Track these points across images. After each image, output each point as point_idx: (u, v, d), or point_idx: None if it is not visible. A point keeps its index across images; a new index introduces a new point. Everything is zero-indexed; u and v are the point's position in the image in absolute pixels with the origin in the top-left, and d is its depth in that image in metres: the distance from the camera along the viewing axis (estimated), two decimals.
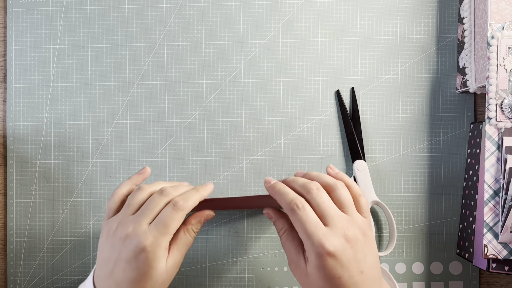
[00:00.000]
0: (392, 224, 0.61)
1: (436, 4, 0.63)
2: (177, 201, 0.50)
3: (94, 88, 0.65)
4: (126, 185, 0.54)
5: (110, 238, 0.50)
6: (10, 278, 0.64)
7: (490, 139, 0.56)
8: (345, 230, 0.47)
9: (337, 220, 0.48)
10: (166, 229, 0.49)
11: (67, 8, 0.65)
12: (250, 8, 0.64)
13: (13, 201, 0.64)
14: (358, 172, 0.62)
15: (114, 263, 0.49)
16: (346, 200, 0.50)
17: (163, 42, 0.64)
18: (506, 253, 0.55)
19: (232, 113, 0.64)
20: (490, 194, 0.56)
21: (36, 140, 0.64)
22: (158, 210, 0.50)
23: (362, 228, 0.49)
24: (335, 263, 0.46)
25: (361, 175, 0.62)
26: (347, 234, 0.47)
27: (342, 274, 0.46)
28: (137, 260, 0.48)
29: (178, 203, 0.50)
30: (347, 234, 0.47)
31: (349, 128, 0.63)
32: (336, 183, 0.50)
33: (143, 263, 0.48)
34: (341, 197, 0.50)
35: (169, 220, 0.49)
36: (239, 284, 0.64)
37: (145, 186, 0.53)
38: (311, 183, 0.50)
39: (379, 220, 0.63)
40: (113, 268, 0.49)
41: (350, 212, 0.49)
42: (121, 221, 0.50)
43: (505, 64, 0.55)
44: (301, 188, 0.50)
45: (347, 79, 0.64)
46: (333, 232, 0.47)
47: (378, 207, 0.63)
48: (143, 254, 0.48)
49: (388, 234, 0.63)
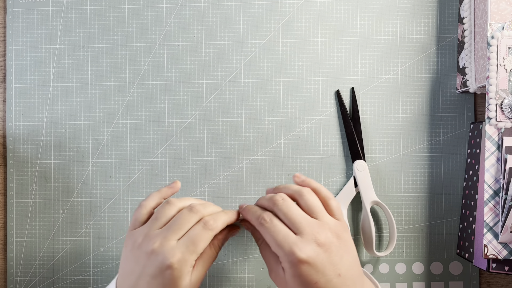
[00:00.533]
0: (392, 224, 0.61)
1: (436, 4, 0.63)
2: (207, 221, 0.49)
3: (94, 88, 0.65)
4: (155, 197, 0.53)
5: (135, 250, 0.49)
6: (10, 278, 0.64)
7: (490, 139, 0.56)
8: (316, 235, 0.47)
9: (306, 226, 0.48)
10: (195, 247, 0.48)
11: (67, 8, 0.65)
12: (250, 8, 0.64)
13: (13, 201, 0.64)
14: (358, 172, 0.62)
15: (138, 276, 0.48)
16: (314, 205, 0.50)
17: (163, 42, 0.64)
18: (506, 253, 0.55)
19: (232, 113, 0.64)
20: (490, 194, 0.56)
21: (36, 140, 0.64)
22: (187, 227, 0.49)
23: (335, 231, 0.48)
24: (310, 269, 0.46)
25: (361, 175, 0.62)
26: (319, 239, 0.47)
27: (319, 279, 0.46)
28: (162, 277, 0.47)
29: (209, 222, 0.49)
30: (318, 239, 0.47)
31: (349, 128, 0.63)
32: (300, 189, 0.51)
33: (169, 280, 0.47)
34: (308, 203, 0.50)
35: (198, 239, 0.48)
36: (239, 284, 0.64)
37: (174, 200, 0.52)
38: (276, 195, 0.50)
39: (379, 220, 0.63)
40: (136, 281, 0.48)
41: (320, 216, 0.49)
42: (148, 234, 0.49)
43: (505, 64, 0.55)
44: (268, 203, 0.51)
45: (347, 79, 0.64)
46: (303, 239, 0.47)
47: (378, 207, 0.63)
48: (169, 271, 0.47)
49: (388, 234, 0.63)
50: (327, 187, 0.63)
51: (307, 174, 0.63)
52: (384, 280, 0.63)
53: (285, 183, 0.63)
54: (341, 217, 0.51)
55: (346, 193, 0.62)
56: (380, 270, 0.63)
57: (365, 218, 0.61)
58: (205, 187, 0.64)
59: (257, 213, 0.50)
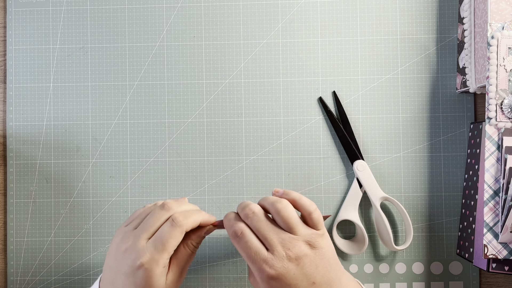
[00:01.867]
0: (405, 216, 0.61)
1: (436, 4, 0.63)
2: (176, 217, 0.48)
3: (94, 88, 0.65)
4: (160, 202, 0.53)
5: (113, 247, 0.50)
6: (10, 278, 0.64)
7: (490, 139, 0.56)
8: (287, 252, 0.47)
9: (278, 242, 0.47)
10: (164, 246, 0.47)
11: (67, 8, 0.65)
12: (250, 8, 0.64)
13: (13, 201, 0.64)
14: (359, 172, 0.62)
15: (115, 273, 0.48)
16: (288, 218, 0.49)
17: (163, 42, 0.64)
18: (506, 253, 0.55)
19: (232, 113, 0.64)
20: (490, 194, 0.56)
21: (36, 140, 0.64)
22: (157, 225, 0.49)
23: (309, 241, 0.48)
24: (280, 284, 0.47)
25: (363, 175, 0.62)
26: (289, 255, 0.47)
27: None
28: (135, 276, 0.47)
29: (177, 219, 0.48)
30: (289, 255, 0.47)
31: (340, 132, 0.63)
32: (275, 203, 0.50)
33: (141, 280, 0.47)
34: (283, 218, 0.49)
35: (167, 237, 0.48)
36: (239, 284, 0.64)
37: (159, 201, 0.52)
38: (247, 208, 0.50)
39: (391, 215, 0.63)
40: (114, 278, 0.49)
41: (296, 229, 0.49)
42: (125, 233, 0.50)
43: (505, 64, 0.55)
44: (241, 214, 0.50)
45: (347, 79, 0.64)
46: (274, 256, 0.47)
47: (388, 202, 0.63)
48: (140, 270, 0.47)
49: (401, 228, 0.63)
50: (327, 187, 0.63)
51: (307, 174, 0.63)
52: (384, 280, 0.63)
53: (285, 183, 0.64)
54: (322, 226, 0.50)
55: (353, 196, 0.62)
56: (380, 270, 0.63)
57: (377, 216, 0.61)
58: (205, 187, 0.64)
59: (231, 223, 0.50)
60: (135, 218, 0.51)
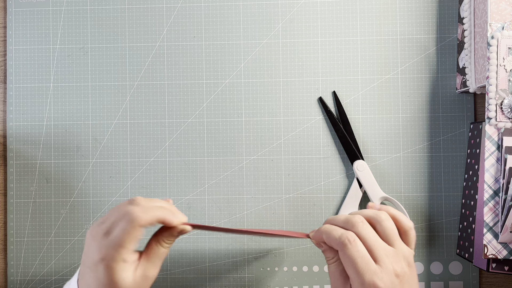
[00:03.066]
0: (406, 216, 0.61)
1: (436, 4, 0.63)
2: (131, 212, 0.46)
3: (94, 88, 0.65)
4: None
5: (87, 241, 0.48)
6: (10, 278, 0.64)
7: (490, 139, 0.56)
8: (394, 266, 0.46)
9: (385, 255, 0.46)
10: (118, 242, 0.45)
11: (67, 8, 0.65)
12: (250, 8, 0.64)
13: (13, 201, 0.64)
14: (359, 172, 0.62)
15: (83, 267, 0.48)
16: (392, 232, 0.48)
17: (163, 42, 0.64)
18: (506, 253, 0.55)
19: (232, 113, 0.64)
20: (490, 194, 0.56)
21: (36, 140, 0.64)
22: (115, 220, 0.46)
23: (408, 260, 0.47)
24: None
25: (363, 175, 0.62)
26: (396, 270, 0.46)
27: None
28: (96, 271, 0.46)
29: (132, 213, 0.46)
30: (396, 270, 0.46)
31: (340, 132, 0.63)
32: (378, 214, 0.48)
33: (103, 275, 0.46)
34: (386, 230, 0.48)
35: (121, 233, 0.45)
36: (239, 284, 0.64)
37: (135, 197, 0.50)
38: (355, 216, 0.48)
39: None
40: (83, 272, 0.48)
41: (396, 244, 0.48)
42: (93, 227, 0.48)
43: (505, 64, 0.55)
44: (345, 224, 0.48)
45: (347, 79, 0.64)
46: (383, 269, 0.46)
47: (388, 202, 0.63)
48: (100, 266, 0.46)
49: None
50: (327, 187, 0.63)
51: (307, 174, 0.63)
52: None
53: (285, 183, 0.64)
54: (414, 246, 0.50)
55: (353, 195, 0.62)
56: None
57: None
58: (205, 187, 0.64)
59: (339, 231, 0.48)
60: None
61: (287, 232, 0.53)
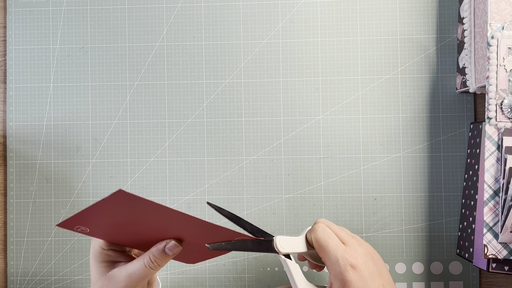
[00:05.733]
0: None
1: (436, 4, 0.63)
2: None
3: (94, 88, 0.65)
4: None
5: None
6: (10, 278, 0.64)
7: (490, 139, 0.56)
8: (358, 246, 0.50)
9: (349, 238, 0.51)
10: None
11: (67, 8, 0.65)
12: (250, 8, 0.64)
13: (13, 201, 0.64)
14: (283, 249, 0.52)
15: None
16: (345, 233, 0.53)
17: (163, 42, 0.64)
18: (506, 253, 0.55)
19: (232, 113, 0.64)
20: (490, 194, 0.56)
21: (36, 140, 0.64)
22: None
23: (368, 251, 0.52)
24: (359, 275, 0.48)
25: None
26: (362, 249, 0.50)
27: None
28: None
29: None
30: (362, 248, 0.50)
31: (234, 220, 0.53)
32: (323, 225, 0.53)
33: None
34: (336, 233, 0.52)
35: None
36: (239, 284, 0.64)
37: None
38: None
39: None
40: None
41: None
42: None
43: (505, 64, 0.55)
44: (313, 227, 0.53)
45: (347, 79, 0.64)
46: (350, 247, 0.50)
47: None
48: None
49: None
50: (327, 187, 0.63)
51: (307, 174, 0.63)
52: None
53: (285, 183, 0.64)
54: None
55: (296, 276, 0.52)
56: None
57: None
58: (205, 187, 0.64)
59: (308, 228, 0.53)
60: None
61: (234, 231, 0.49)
